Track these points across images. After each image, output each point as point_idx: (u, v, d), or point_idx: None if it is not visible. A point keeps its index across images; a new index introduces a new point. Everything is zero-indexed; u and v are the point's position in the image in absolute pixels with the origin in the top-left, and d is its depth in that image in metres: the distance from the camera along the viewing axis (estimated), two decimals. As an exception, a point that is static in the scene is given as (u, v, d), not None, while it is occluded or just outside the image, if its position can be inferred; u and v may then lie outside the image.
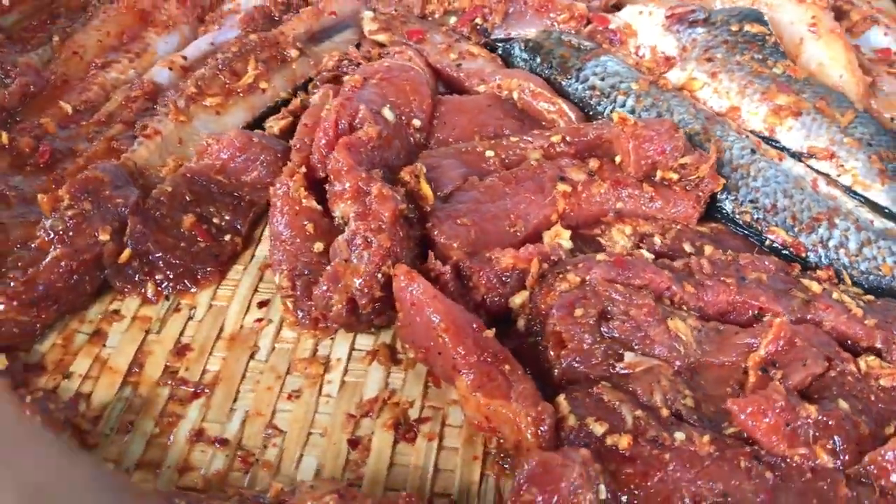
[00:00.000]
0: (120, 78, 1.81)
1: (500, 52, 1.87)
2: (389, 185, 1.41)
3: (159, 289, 1.47)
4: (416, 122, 1.61)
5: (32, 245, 1.44)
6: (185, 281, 1.48)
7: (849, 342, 1.31)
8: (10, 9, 1.96)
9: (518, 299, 1.35)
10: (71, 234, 1.43)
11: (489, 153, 1.57)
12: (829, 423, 1.16)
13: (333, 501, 1.09)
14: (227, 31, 1.88)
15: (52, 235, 1.44)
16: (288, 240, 1.43)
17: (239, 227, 1.54)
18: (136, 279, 1.47)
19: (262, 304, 1.48)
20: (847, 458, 1.14)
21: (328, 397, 1.34)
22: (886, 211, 1.52)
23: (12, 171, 1.60)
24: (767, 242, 1.50)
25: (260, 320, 1.45)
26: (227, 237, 1.52)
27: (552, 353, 1.28)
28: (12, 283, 1.37)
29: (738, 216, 1.53)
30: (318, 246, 1.41)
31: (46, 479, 0.95)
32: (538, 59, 1.78)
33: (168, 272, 1.47)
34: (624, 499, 1.12)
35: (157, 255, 1.47)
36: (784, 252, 1.49)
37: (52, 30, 1.93)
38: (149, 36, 1.89)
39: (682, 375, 1.25)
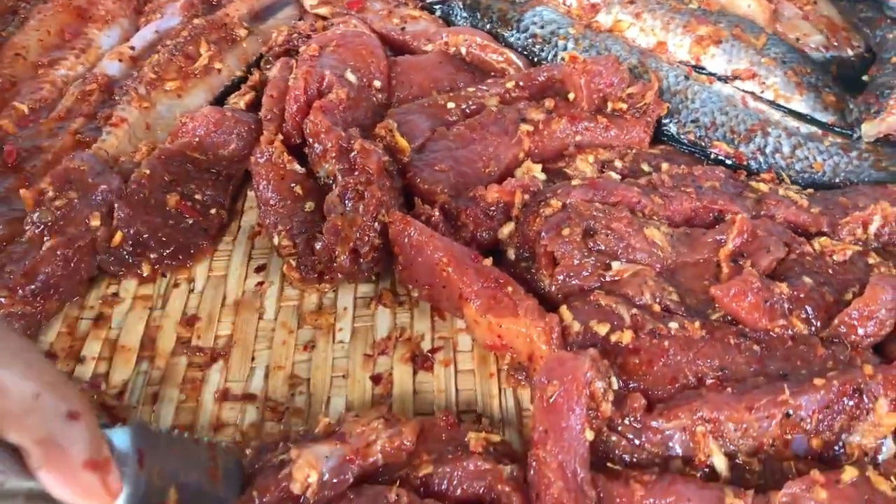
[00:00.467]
0: (69, 74, 1.81)
1: (438, 14, 1.97)
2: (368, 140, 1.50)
3: (155, 267, 1.51)
4: (377, 83, 1.69)
5: (21, 240, 1.46)
6: (180, 256, 1.52)
7: (800, 230, 1.48)
8: (-64, 18, 1.94)
9: (506, 230, 1.46)
10: (62, 223, 1.46)
11: (450, 104, 1.67)
12: (800, 295, 1.32)
13: (381, 425, 1.17)
14: (169, 19, 1.91)
15: (41, 227, 1.46)
16: (279, 203, 1.50)
17: (221, 200, 1.59)
18: (130, 261, 1.51)
19: (259, 269, 1.53)
20: (819, 324, 1.30)
21: (342, 343, 1.41)
22: (808, 117, 1.71)
23: (-21, 174, 1.60)
24: (712, 156, 1.67)
25: (261, 283, 1.51)
26: (213, 211, 1.57)
27: (545, 272, 1.40)
28: (12, 277, 1.39)
29: (682, 136, 1.69)
30: (309, 205, 1.49)
31: None
32: (478, 16, 1.90)
33: (161, 250, 1.51)
34: (633, 385, 1.25)
35: (147, 235, 1.51)
36: (727, 162, 1.65)
37: (-12, 34, 1.92)
38: (90, 31, 1.89)
39: (663, 276, 1.39)
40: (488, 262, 1.38)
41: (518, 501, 1.11)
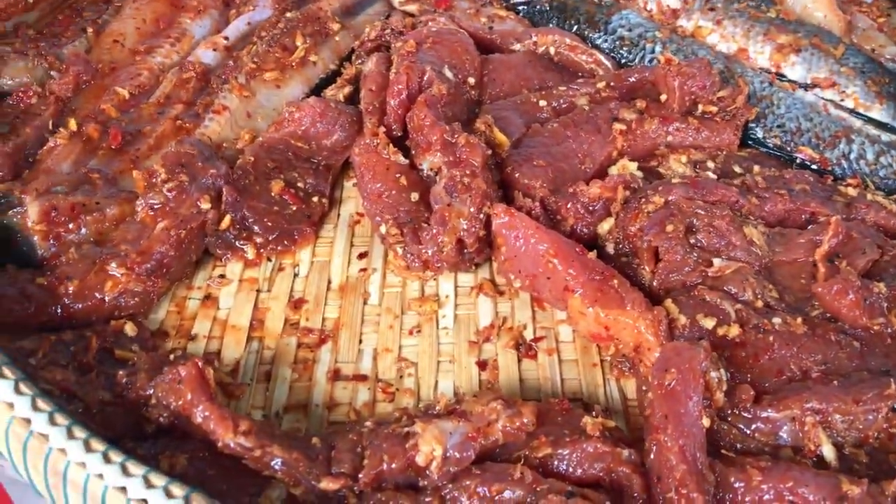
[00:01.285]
0: (165, 62, 1.86)
1: (522, 15, 2.02)
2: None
3: (260, 251, 1.56)
4: (471, 80, 1.74)
5: (133, 220, 1.51)
6: (284, 241, 1.56)
7: (890, 234, 1.52)
8: (33, 6, 1.97)
9: (605, 225, 1.50)
10: (173, 205, 1.50)
11: (542, 102, 1.72)
12: (897, 295, 1.36)
13: (500, 405, 1.21)
14: (261, 11, 1.96)
15: (154, 209, 1.50)
16: (384, 193, 1.54)
17: (323, 189, 1.64)
18: (237, 244, 1.55)
19: (361, 256, 1.58)
20: (917, 323, 1.35)
21: (446, 329, 1.46)
22: (888, 126, 1.75)
23: (86, 156, 1.63)
24: (798, 160, 1.71)
25: (364, 270, 1.55)
26: (315, 199, 1.62)
27: (647, 267, 1.44)
28: (128, 255, 1.43)
29: (768, 140, 1.73)
30: (414, 196, 1.53)
31: None
32: (565, 17, 1.94)
33: (266, 235, 1.55)
34: (740, 378, 1.29)
35: (253, 219, 1.56)
36: (812, 167, 1.70)
37: (81, 22, 1.96)
38: (184, 21, 1.94)
39: (761, 274, 1.43)
40: (593, 254, 1.42)
41: (638, 483, 1.15)
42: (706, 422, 1.16)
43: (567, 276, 1.39)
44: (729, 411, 1.23)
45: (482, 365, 1.40)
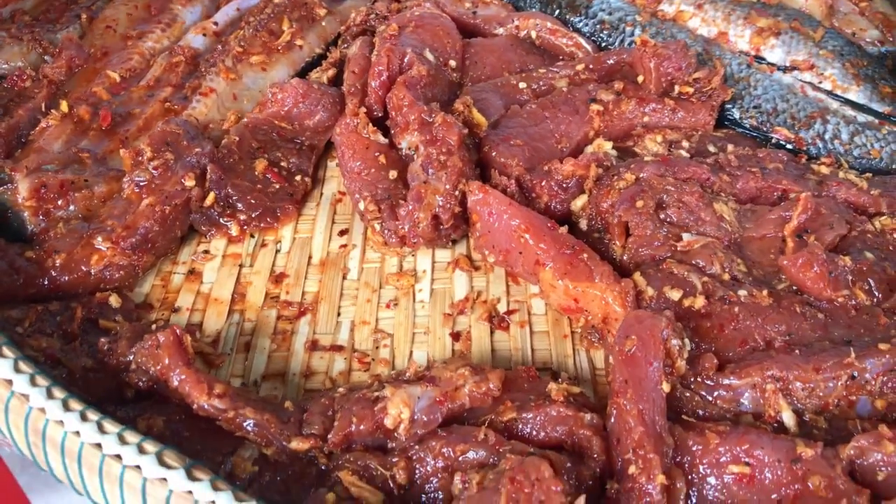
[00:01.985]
0: (156, 46, 1.91)
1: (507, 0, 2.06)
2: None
3: (243, 228, 1.60)
4: (452, 63, 1.78)
5: (120, 197, 1.55)
6: (267, 218, 1.60)
7: (860, 210, 1.55)
8: (29, -9, 2.03)
9: (579, 202, 1.54)
10: (158, 182, 1.54)
11: (522, 84, 1.75)
12: (863, 269, 1.39)
13: (468, 371, 1.25)
14: (249, -3, 2.01)
15: (140, 186, 1.54)
16: (363, 171, 1.58)
17: (305, 168, 1.68)
18: (221, 221, 1.59)
19: (342, 233, 1.62)
20: (881, 295, 1.37)
21: (422, 302, 1.49)
22: (865, 107, 1.77)
23: (77, 137, 1.68)
24: (773, 140, 1.74)
25: (344, 246, 1.59)
26: (298, 178, 1.66)
27: (617, 242, 1.48)
28: (113, 230, 1.48)
29: (744, 120, 1.76)
30: (393, 174, 1.57)
31: None
32: (547, 1, 1.98)
33: (250, 212, 1.60)
34: (705, 347, 1.32)
35: (236, 197, 1.60)
36: (788, 147, 1.72)
37: (76, 9, 2.01)
38: (175, 7, 1.99)
39: (731, 249, 1.46)
40: (564, 229, 1.45)
41: (598, 445, 1.18)
42: (666, 387, 1.19)
43: (538, 250, 1.42)
44: (692, 379, 1.26)
45: (455, 336, 1.44)
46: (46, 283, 1.44)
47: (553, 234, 1.44)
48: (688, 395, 1.26)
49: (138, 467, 1.07)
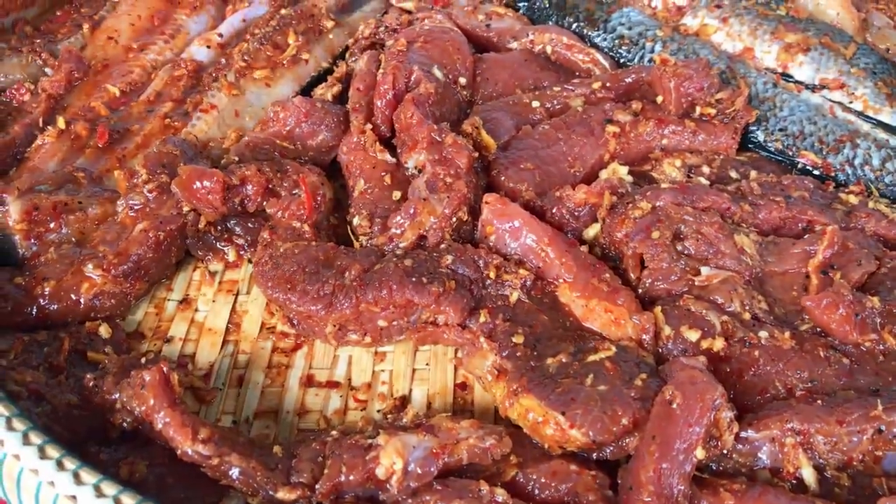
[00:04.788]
0: (158, 59, 1.85)
1: (522, 12, 1.97)
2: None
3: (241, 253, 1.54)
4: (462, 80, 1.70)
5: (114, 221, 1.50)
6: (266, 243, 1.54)
7: (890, 244, 1.46)
8: (32, 1, 1.98)
9: (591, 231, 1.46)
10: (153, 206, 1.49)
11: (535, 103, 1.67)
12: (893, 310, 1.30)
13: (470, 424, 1.18)
14: (256, 8, 1.94)
15: (134, 210, 1.49)
16: (367, 191, 1.52)
17: (307, 189, 1.61)
18: (217, 246, 1.54)
19: (343, 259, 1.55)
20: (912, 339, 1.29)
21: (425, 339, 1.43)
22: (898, 130, 1.68)
23: (74, 155, 1.63)
24: (799, 165, 1.65)
25: (345, 273, 1.53)
26: (299, 200, 1.59)
27: (632, 274, 1.40)
28: (105, 257, 1.42)
29: (769, 144, 1.67)
30: (396, 194, 1.50)
31: None
32: (564, 14, 1.89)
33: (248, 236, 1.53)
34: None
35: (234, 221, 1.54)
36: (815, 172, 1.63)
37: (78, 18, 1.95)
38: (179, 17, 1.93)
39: (751, 284, 1.37)
40: (585, 248, 1.40)
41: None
42: (700, 454, 1.11)
43: (560, 263, 1.36)
44: (707, 430, 1.19)
45: (462, 386, 1.37)
46: (34, 311, 1.39)
47: (575, 251, 1.38)
48: (701, 447, 1.19)
49: (114, 523, 1.02)
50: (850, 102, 1.73)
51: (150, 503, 1.04)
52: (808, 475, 1.15)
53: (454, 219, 1.43)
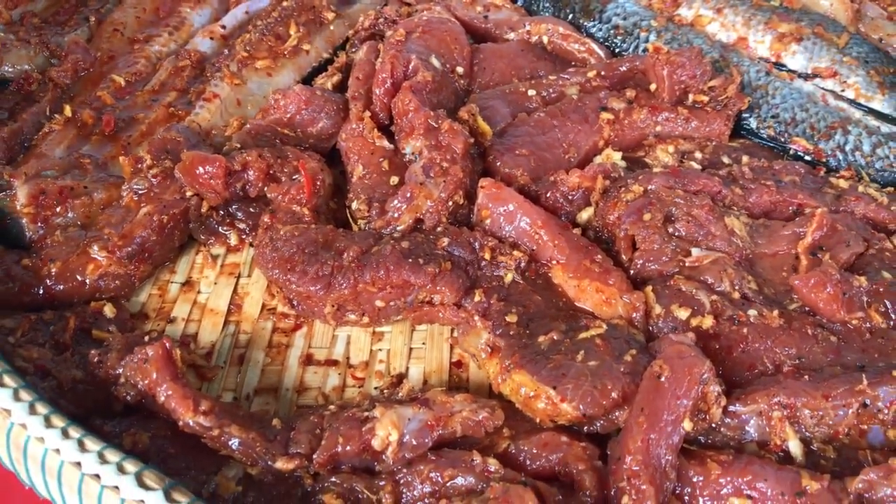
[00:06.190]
0: (163, 50, 1.89)
1: (520, 3, 2.01)
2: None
3: (242, 237, 1.57)
4: (460, 69, 1.73)
5: (119, 205, 1.53)
6: (267, 227, 1.57)
7: (879, 227, 1.48)
8: (40, -6, 2.03)
9: (584, 214, 1.49)
10: (157, 190, 1.52)
11: (531, 92, 1.70)
12: (879, 289, 1.33)
13: (464, 398, 1.21)
14: (258, 0, 1.97)
15: (138, 194, 1.52)
16: (366, 176, 1.55)
17: (308, 175, 1.65)
18: (219, 230, 1.57)
19: (343, 243, 1.59)
20: (897, 318, 1.31)
21: (422, 319, 1.46)
22: (890, 117, 1.70)
23: (80, 142, 1.67)
24: (791, 152, 1.67)
25: (344, 256, 1.56)
26: (299, 185, 1.62)
27: (624, 256, 1.43)
28: (110, 239, 1.46)
29: (761, 131, 1.70)
30: (394, 180, 1.53)
31: None
32: (560, 5, 1.93)
33: (249, 221, 1.57)
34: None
35: (236, 206, 1.57)
36: (806, 158, 1.66)
37: (85, 11, 1.99)
38: (183, 10, 1.97)
39: (741, 265, 1.40)
40: (578, 230, 1.43)
41: (591, 480, 1.12)
42: (688, 425, 1.13)
43: (553, 244, 1.38)
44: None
45: (458, 364, 1.40)
46: (41, 291, 1.42)
47: (568, 234, 1.41)
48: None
49: (116, 487, 1.05)
50: (843, 90, 1.75)
51: (153, 470, 1.08)
52: (795, 447, 1.18)
53: (450, 202, 1.46)
